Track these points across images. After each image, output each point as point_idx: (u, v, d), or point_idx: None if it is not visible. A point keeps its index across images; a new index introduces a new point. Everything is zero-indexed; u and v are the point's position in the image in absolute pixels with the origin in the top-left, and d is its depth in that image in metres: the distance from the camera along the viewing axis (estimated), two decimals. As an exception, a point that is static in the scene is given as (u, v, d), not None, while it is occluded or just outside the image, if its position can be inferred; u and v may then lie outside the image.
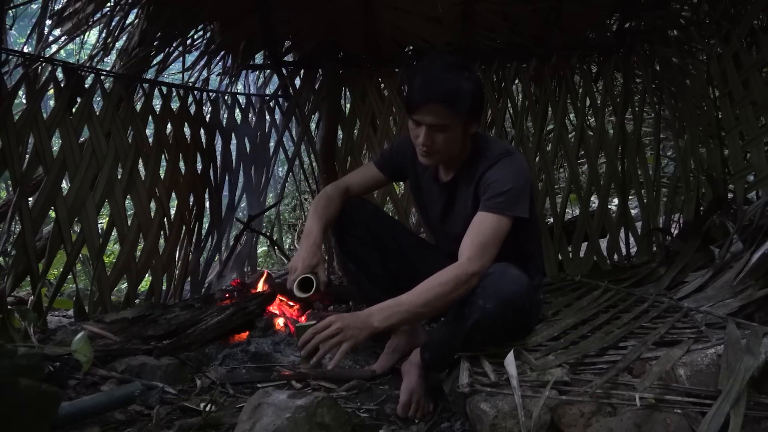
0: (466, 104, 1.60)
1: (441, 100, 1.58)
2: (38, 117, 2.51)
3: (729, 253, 2.16)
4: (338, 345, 1.40)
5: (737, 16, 2.81)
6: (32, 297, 2.42)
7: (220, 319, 2.21)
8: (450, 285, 1.51)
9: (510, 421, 1.27)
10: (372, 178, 1.98)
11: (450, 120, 1.60)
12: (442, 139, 1.63)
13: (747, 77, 2.66)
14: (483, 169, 1.68)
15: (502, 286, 1.51)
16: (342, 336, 1.41)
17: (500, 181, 1.62)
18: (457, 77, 1.61)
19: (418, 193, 1.98)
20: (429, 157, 1.68)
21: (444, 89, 1.58)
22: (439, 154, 1.67)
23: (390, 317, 1.47)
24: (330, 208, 1.85)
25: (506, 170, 1.65)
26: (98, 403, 1.50)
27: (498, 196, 1.61)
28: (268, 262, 5.70)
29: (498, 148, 1.72)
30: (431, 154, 1.67)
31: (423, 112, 1.60)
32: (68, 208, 2.56)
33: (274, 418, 1.29)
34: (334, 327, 1.42)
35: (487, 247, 1.56)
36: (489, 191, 1.63)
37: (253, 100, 3.62)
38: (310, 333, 1.42)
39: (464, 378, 1.40)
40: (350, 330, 1.42)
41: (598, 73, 3.45)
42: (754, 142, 2.61)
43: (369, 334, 1.45)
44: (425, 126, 1.61)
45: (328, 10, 3.13)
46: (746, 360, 1.25)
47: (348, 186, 1.94)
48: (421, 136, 1.63)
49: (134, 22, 2.96)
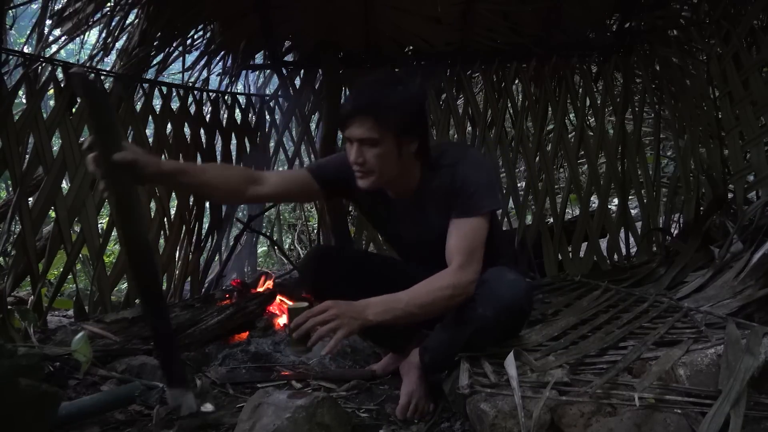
0: (395, 116, 1.50)
1: (367, 112, 1.50)
2: (38, 117, 2.51)
3: (729, 253, 2.16)
4: (332, 332, 1.36)
5: (737, 16, 2.80)
6: (32, 297, 2.42)
7: (220, 319, 2.21)
8: (448, 292, 1.49)
9: (510, 421, 1.27)
10: (296, 180, 1.75)
11: (379, 134, 1.50)
12: (374, 155, 1.52)
13: (747, 77, 2.66)
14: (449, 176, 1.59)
15: (501, 294, 1.51)
16: (337, 323, 1.37)
17: (467, 183, 1.56)
18: (387, 89, 1.54)
19: (371, 212, 1.85)
20: (365, 179, 1.56)
21: (370, 100, 1.52)
22: (373, 174, 1.55)
23: (385, 312, 1.45)
24: (213, 169, 1.72)
25: (468, 171, 1.58)
26: (98, 403, 1.50)
27: (469, 198, 1.55)
28: (268, 262, 5.71)
29: (451, 156, 1.63)
30: (366, 175, 1.55)
31: (351, 126, 1.52)
32: (68, 208, 2.55)
33: (274, 418, 1.29)
34: (329, 313, 1.38)
35: (475, 251, 1.53)
36: (459, 197, 1.57)
37: (253, 100, 3.62)
38: (304, 316, 1.38)
39: (464, 379, 1.40)
40: (345, 318, 1.38)
41: (598, 73, 3.45)
42: (754, 142, 2.61)
43: (361, 325, 1.41)
44: (355, 142, 1.53)
45: (328, 10, 3.13)
46: (746, 360, 1.25)
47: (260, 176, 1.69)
48: (354, 152, 1.53)
49: (134, 22, 2.96)
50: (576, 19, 3.27)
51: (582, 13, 3.24)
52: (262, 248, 5.44)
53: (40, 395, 1.13)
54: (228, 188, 1.63)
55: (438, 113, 3.37)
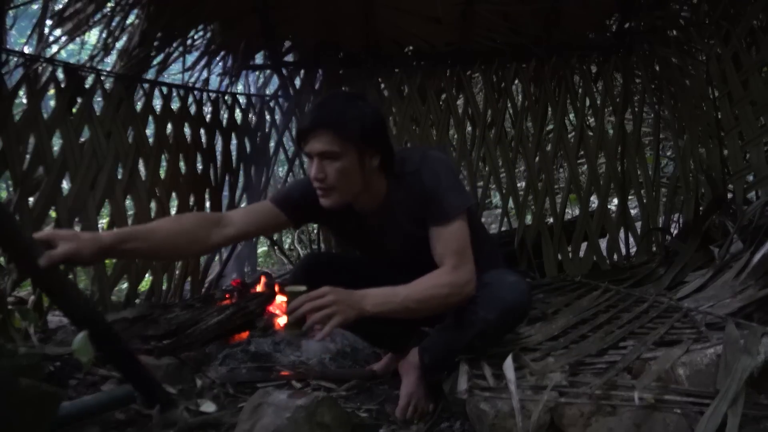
0: (355, 128, 1.47)
1: (327, 125, 1.46)
2: (39, 117, 2.51)
3: (729, 253, 2.16)
4: (328, 318, 1.36)
5: (737, 16, 2.80)
6: (32, 297, 2.42)
7: (220, 319, 2.21)
8: (445, 290, 1.48)
9: (510, 422, 1.27)
10: (262, 214, 1.67)
11: (340, 147, 1.46)
12: (335, 170, 1.47)
13: (746, 77, 2.66)
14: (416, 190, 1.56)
15: (504, 297, 1.51)
16: (333, 310, 1.36)
17: (435, 189, 1.53)
18: (346, 104, 1.53)
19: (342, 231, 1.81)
20: (327, 196, 1.51)
21: (330, 113, 1.49)
22: (335, 190, 1.50)
23: (382, 305, 1.45)
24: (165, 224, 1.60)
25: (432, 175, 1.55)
26: (98, 403, 1.50)
27: (441, 203, 1.53)
28: (268, 262, 5.71)
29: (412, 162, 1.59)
30: (328, 191, 1.50)
31: (311, 140, 1.48)
32: (68, 208, 2.56)
33: (274, 418, 1.29)
34: (326, 299, 1.37)
35: (464, 252, 1.52)
36: (432, 204, 1.54)
37: (253, 100, 3.62)
38: (301, 300, 1.37)
39: (463, 384, 1.40)
40: (341, 306, 1.38)
41: (597, 73, 3.45)
42: (754, 142, 2.61)
43: (357, 315, 1.41)
44: (315, 156, 1.48)
45: (328, 10, 3.14)
46: (744, 360, 1.25)
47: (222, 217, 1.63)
48: (314, 168, 1.48)
49: (134, 22, 2.96)
50: (576, 19, 3.27)
51: (582, 13, 3.24)
52: (262, 248, 5.45)
53: (40, 395, 1.13)
54: (187, 240, 1.54)
55: (438, 113, 3.38)
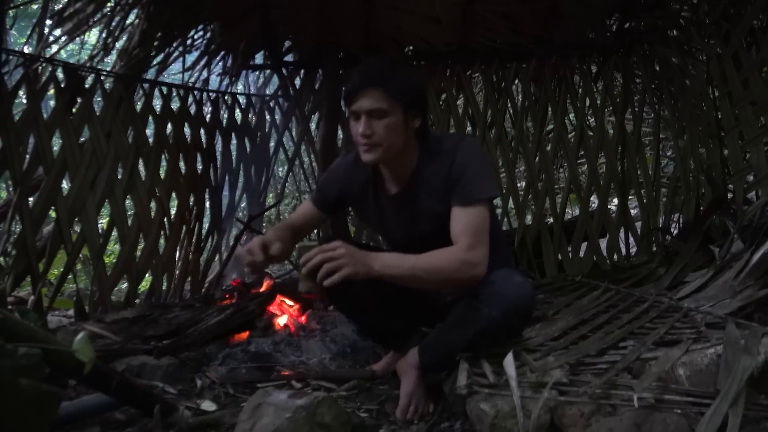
0: (403, 89, 1.55)
1: (377, 84, 1.54)
2: (38, 117, 2.51)
3: (729, 253, 2.16)
4: (338, 269, 1.40)
5: (737, 16, 2.80)
6: (32, 297, 2.42)
7: (220, 319, 2.21)
8: (456, 265, 1.49)
9: (510, 421, 1.27)
10: (307, 214, 1.87)
11: (388, 105, 1.53)
12: (382, 127, 1.54)
13: (747, 77, 2.66)
14: (448, 163, 1.60)
15: (508, 295, 1.51)
16: (345, 261, 1.40)
17: (466, 170, 1.57)
18: (394, 65, 1.61)
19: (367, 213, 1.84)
20: (371, 151, 1.57)
21: (379, 73, 1.56)
22: (381, 147, 1.56)
23: (391, 267, 1.48)
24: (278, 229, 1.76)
25: (467, 158, 1.59)
26: (98, 403, 1.50)
27: (469, 183, 1.56)
28: (268, 262, 5.70)
29: (449, 142, 1.65)
30: (373, 147, 1.56)
31: (360, 99, 1.55)
32: (68, 208, 2.56)
33: (274, 418, 1.29)
34: (339, 251, 1.42)
35: (480, 235, 1.54)
36: (459, 183, 1.57)
37: (253, 100, 3.62)
38: (315, 251, 1.42)
39: (462, 380, 1.40)
40: (353, 259, 1.42)
41: (598, 73, 3.45)
42: (754, 142, 2.61)
43: (366, 273, 1.44)
44: (363, 114, 1.55)
45: (328, 10, 3.13)
46: (744, 360, 1.25)
47: (289, 224, 1.84)
48: (361, 126, 1.55)
49: (134, 22, 2.96)
50: (576, 19, 3.27)
51: (582, 13, 3.24)
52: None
53: (40, 395, 1.12)
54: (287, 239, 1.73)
55: (438, 113, 3.37)
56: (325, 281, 1.40)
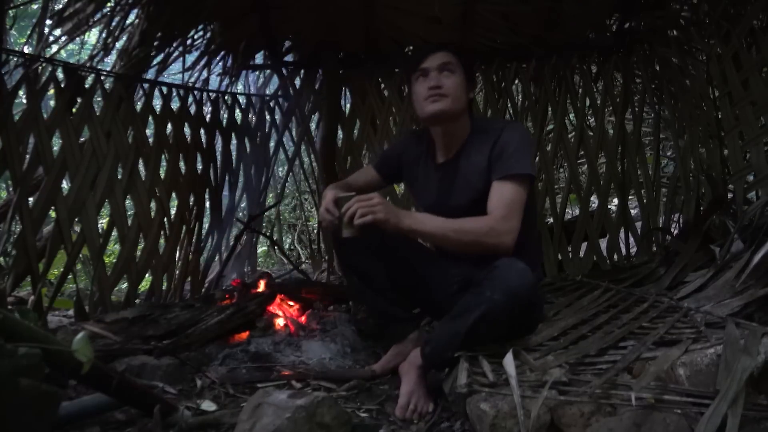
0: (466, 58, 1.79)
1: (447, 48, 1.79)
2: (38, 117, 2.51)
3: (729, 253, 2.16)
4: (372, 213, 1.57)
5: (737, 16, 2.80)
6: (32, 297, 2.42)
7: (220, 319, 2.21)
8: (484, 229, 1.61)
9: (510, 421, 1.27)
10: (368, 179, 2.06)
11: (455, 65, 1.76)
12: (451, 82, 1.74)
13: (747, 77, 2.66)
14: (493, 138, 1.75)
15: (510, 278, 1.53)
16: (378, 208, 1.58)
17: (509, 143, 1.71)
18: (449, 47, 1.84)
19: (415, 182, 2.00)
20: (440, 101, 1.74)
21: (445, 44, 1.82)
22: (448, 98, 1.74)
23: (419, 223, 1.63)
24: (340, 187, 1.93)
25: (514, 134, 1.74)
26: (98, 403, 1.50)
27: (510, 157, 1.69)
28: (268, 262, 5.71)
29: (499, 121, 1.94)
30: (442, 97, 1.73)
31: (430, 57, 1.76)
32: (68, 208, 2.56)
33: (274, 418, 1.29)
34: (373, 201, 1.60)
35: (514, 208, 1.65)
36: (500, 159, 1.71)
37: (253, 100, 3.62)
38: (353, 201, 1.61)
39: (462, 378, 1.40)
40: (385, 208, 1.59)
41: (598, 73, 3.44)
42: (754, 142, 2.61)
43: (396, 224, 1.60)
44: (433, 70, 1.74)
45: (328, 10, 3.13)
46: (744, 360, 1.25)
47: (348, 183, 2.02)
48: (432, 79, 1.73)
49: (134, 22, 2.96)
50: (576, 19, 3.27)
51: (582, 13, 3.24)
52: (262, 248, 5.45)
53: (40, 395, 1.13)
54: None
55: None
56: (356, 220, 1.57)
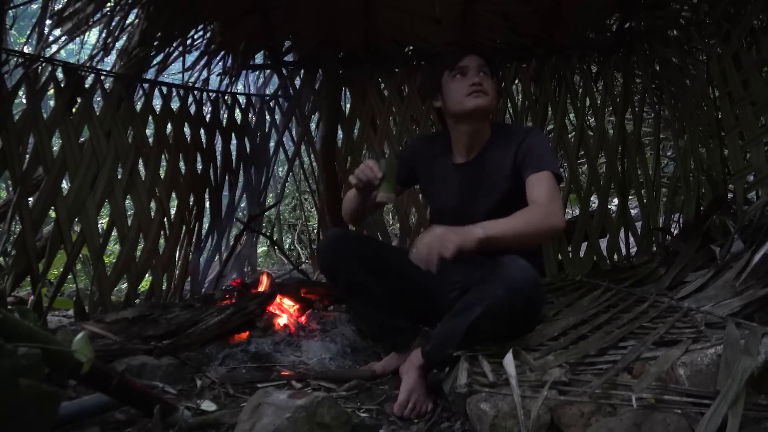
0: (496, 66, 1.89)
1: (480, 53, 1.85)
2: (38, 117, 2.51)
3: (729, 253, 2.16)
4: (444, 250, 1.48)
5: (737, 16, 2.80)
6: (32, 297, 2.42)
7: (220, 319, 2.21)
8: (542, 215, 1.61)
9: (510, 421, 1.27)
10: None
11: (489, 70, 1.84)
12: (489, 81, 1.81)
13: (747, 77, 2.66)
14: (517, 141, 1.78)
15: (512, 274, 1.54)
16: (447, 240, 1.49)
17: (537, 146, 1.75)
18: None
19: (432, 184, 1.99)
20: (482, 97, 1.79)
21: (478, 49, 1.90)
22: (489, 96, 1.80)
23: (492, 229, 1.56)
24: None
25: (537, 139, 1.80)
26: (98, 403, 1.50)
27: (541, 157, 1.73)
28: (268, 262, 5.71)
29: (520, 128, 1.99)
30: (483, 93, 1.79)
31: (468, 58, 1.82)
32: (68, 208, 2.56)
33: (274, 418, 1.29)
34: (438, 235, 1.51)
35: (556, 192, 1.68)
36: (533, 154, 1.74)
37: (253, 100, 3.62)
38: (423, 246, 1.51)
39: (462, 378, 1.40)
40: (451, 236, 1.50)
41: (598, 73, 3.44)
42: (754, 142, 2.61)
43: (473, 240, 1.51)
44: (473, 69, 1.81)
45: (328, 10, 3.13)
46: (744, 360, 1.25)
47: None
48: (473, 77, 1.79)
49: (134, 22, 2.96)
50: (576, 19, 3.27)
51: (582, 13, 3.24)
52: (262, 248, 5.45)
53: (40, 395, 1.13)
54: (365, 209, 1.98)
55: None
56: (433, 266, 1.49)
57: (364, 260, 1.85)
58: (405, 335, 1.87)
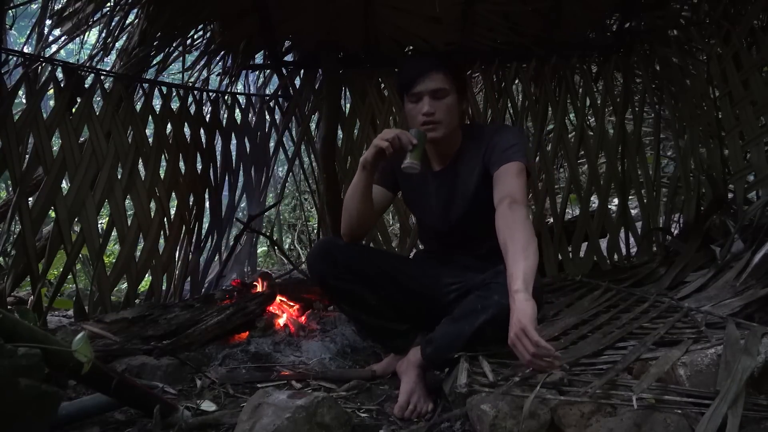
0: (457, 73, 1.77)
1: (436, 67, 1.74)
2: (38, 117, 2.51)
3: (729, 253, 2.16)
4: (550, 364, 1.34)
5: (737, 16, 2.80)
6: (32, 297, 2.42)
7: (220, 319, 2.21)
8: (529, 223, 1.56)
9: (510, 421, 1.27)
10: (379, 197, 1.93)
11: (448, 85, 1.74)
12: (444, 107, 1.73)
13: (747, 77, 2.66)
14: (486, 142, 1.76)
15: None
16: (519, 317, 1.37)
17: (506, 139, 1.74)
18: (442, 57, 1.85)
19: (412, 191, 1.97)
20: (435, 129, 1.74)
21: (440, 59, 1.79)
22: (442, 125, 1.74)
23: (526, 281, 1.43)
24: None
25: (508, 133, 1.78)
26: (98, 403, 1.50)
27: (508, 149, 1.70)
28: (268, 262, 5.71)
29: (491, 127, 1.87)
30: (436, 125, 1.73)
31: (422, 82, 1.73)
32: (68, 208, 2.56)
33: (274, 418, 1.29)
34: (516, 331, 1.36)
35: (523, 191, 1.65)
36: (498, 149, 1.72)
37: (253, 100, 3.62)
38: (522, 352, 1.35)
39: (462, 378, 1.40)
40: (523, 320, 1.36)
41: (598, 73, 3.44)
42: (754, 142, 2.61)
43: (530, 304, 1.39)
44: (426, 95, 1.73)
45: (328, 10, 3.13)
46: (744, 360, 1.25)
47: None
48: (425, 106, 1.72)
49: (134, 22, 2.96)
50: (576, 19, 3.27)
51: (582, 13, 3.24)
52: (262, 248, 5.45)
53: (40, 395, 1.12)
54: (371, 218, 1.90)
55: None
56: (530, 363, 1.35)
57: (355, 269, 1.79)
58: (403, 337, 1.86)
